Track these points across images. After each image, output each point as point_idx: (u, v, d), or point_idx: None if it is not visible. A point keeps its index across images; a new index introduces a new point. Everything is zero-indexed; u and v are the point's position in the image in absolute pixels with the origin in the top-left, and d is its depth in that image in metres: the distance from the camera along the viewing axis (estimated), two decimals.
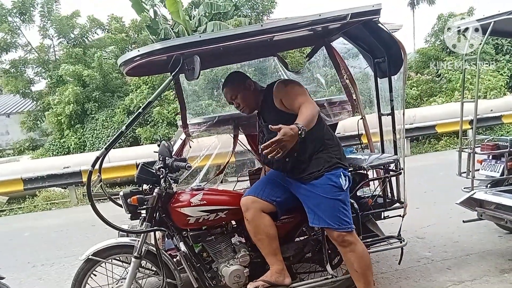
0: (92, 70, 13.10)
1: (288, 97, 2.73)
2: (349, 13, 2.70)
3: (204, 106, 11.39)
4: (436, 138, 12.41)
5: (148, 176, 2.90)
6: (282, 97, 2.77)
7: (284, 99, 2.75)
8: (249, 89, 3.03)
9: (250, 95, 3.03)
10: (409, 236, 4.04)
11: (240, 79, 3.09)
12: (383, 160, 3.27)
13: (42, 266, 5.17)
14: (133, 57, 2.70)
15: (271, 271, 2.84)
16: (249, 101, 3.04)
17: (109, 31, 14.91)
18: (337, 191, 2.72)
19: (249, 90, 3.03)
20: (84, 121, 13.59)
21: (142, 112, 2.70)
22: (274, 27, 2.71)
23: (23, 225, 7.87)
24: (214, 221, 2.92)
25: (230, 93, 3.07)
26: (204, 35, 2.65)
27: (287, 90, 2.77)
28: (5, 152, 16.78)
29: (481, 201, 3.95)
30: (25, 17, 13.98)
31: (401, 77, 3.26)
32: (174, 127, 12.34)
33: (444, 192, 6.22)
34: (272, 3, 16.47)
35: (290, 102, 2.71)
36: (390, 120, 3.43)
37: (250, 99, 3.04)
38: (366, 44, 3.48)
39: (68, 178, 9.43)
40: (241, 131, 4.11)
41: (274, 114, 2.83)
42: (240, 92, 3.03)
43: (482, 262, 3.84)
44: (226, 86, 3.11)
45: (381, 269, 3.83)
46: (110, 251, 2.94)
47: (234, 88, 3.06)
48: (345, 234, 2.71)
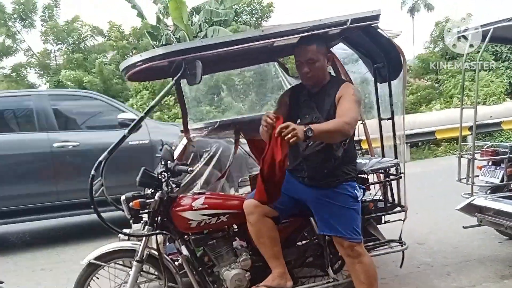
0: (93, 76, 13.15)
1: (342, 102, 2.63)
2: (349, 19, 2.74)
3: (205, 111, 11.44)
4: (435, 144, 12.43)
5: (150, 180, 2.91)
6: (341, 96, 2.66)
7: (340, 100, 2.65)
8: (325, 62, 2.78)
9: (323, 69, 2.78)
10: (409, 242, 4.02)
11: (325, 47, 2.81)
12: (383, 164, 3.30)
13: (42, 270, 5.15)
14: (135, 62, 2.73)
15: (273, 274, 2.84)
16: (322, 74, 2.78)
17: (109, 38, 14.98)
18: (353, 201, 2.73)
19: (324, 63, 2.77)
20: None
21: (144, 117, 2.72)
22: (274, 33, 2.74)
23: (23, 228, 7.84)
24: (216, 225, 2.93)
25: (313, 54, 2.69)
26: (206, 40, 2.69)
27: (348, 98, 2.63)
28: None
29: (481, 207, 3.96)
30: (26, 22, 14.03)
31: (401, 82, 3.29)
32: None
33: (443, 198, 6.22)
34: (270, 7, 16.57)
35: (339, 107, 2.63)
36: (390, 125, 3.45)
37: (322, 73, 2.78)
38: (366, 49, 3.50)
39: None
40: (242, 136, 4.12)
41: (328, 104, 2.71)
42: (321, 59, 2.72)
43: (482, 268, 3.85)
44: (312, 43, 2.70)
45: (381, 275, 3.81)
46: (112, 255, 2.94)
47: (320, 52, 2.72)
48: (355, 245, 2.70)
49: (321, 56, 2.73)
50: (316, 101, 2.78)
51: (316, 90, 2.82)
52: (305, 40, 2.74)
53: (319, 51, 2.72)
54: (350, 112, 2.53)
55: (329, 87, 2.78)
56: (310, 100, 2.81)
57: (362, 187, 2.87)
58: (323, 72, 2.79)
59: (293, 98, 2.92)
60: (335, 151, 2.70)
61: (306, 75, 2.74)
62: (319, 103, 2.77)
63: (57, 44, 14.59)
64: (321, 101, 2.76)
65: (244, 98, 12.83)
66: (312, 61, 2.69)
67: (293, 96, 2.93)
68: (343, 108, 2.59)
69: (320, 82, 2.79)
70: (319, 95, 2.80)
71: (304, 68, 2.71)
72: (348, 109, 2.56)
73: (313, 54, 2.69)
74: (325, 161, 2.70)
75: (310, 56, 2.69)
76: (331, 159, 2.70)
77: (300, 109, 2.82)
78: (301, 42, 2.76)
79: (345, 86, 2.76)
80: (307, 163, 2.76)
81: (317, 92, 2.81)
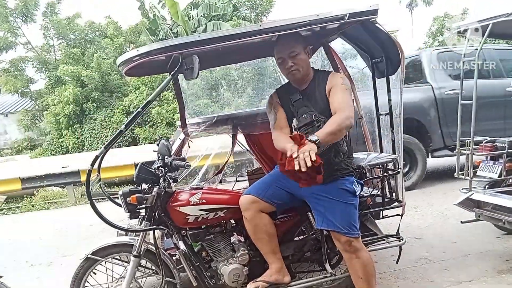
0: (91, 70, 13.12)
1: (334, 94, 2.66)
2: (347, 13, 2.72)
3: (202, 106, 11.42)
4: None
5: (147, 175, 2.90)
6: (331, 87, 2.69)
7: (331, 92, 2.68)
8: (307, 55, 2.81)
9: (306, 62, 2.80)
10: (407, 237, 4.05)
11: (303, 40, 2.83)
12: (381, 159, 3.29)
13: (40, 265, 5.17)
14: (132, 57, 2.71)
15: (271, 270, 2.85)
16: (306, 67, 2.79)
17: (106, 35, 14.94)
18: (350, 196, 2.74)
19: (306, 56, 2.80)
20: (82, 121, 13.60)
21: (141, 111, 2.71)
22: (272, 27, 2.72)
23: (21, 225, 7.87)
24: (213, 220, 2.93)
25: (293, 47, 2.74)
26: (203, 35, 2.66)
27: (339, 88, 2.66)
28: (3, 151, 16.77)
29: (479, 202, 3.96)
30: (27, 18, 14.01)
31: (399, 77, 3.28)
32: (173, 127, 12.37)
33: (442, 193, 6.24)
34: (270, 3, 16.51)
35: (332, 99, 2.66)
36: (388, 120, 3.45)
37: (307, 65, 2.81)
38: (364, 44, 3.49)
39: (66, 177, 9.42)
40: (239, 131, 4.11)
41: (320, 99, 2.73)
42: (302, 52, 2.76)
43: (480, 263, 3.85)
44: (291, 37, 2.75)
45: (379, 270, 3.83)
46: (109, 250, 2.94)
47: (300, 44, 2.77)
48: (353, 240, 2.70)
49: (302, 49, 2.78)
50: (309, 98, 2.80)
51: (304, 87, 2.84)
52: (283, 36, 2.77)
53: (299, 44, 2.78)
54: (345, 104, 2.57)
55: (316, 82, 2.80)
56: (303, 99, 2.81)
57: (360, 182, 2.87)
58: (307, 65, 2.81)
59: (283, 100, 2.91)
60: (341, 146, 2.73)
61: (291, 70, 2.76)
62: (311, 100, 2.78)
63: (58, 39, 14.56)
64: (313, 97, 2.78)
65: (242, 93, 12.81)
66: (295, 53, 2.73)
67: (283, 97, 2.93)
68: (337, 100, 2.62)
69: (305, 77, 2.82)
70: (309, 91, 2.82)
71: (288, 62, 2.74)
72: (342, 101, 2.59)
73: (294, 47, 2.74)
74: (335, 157, 2.72)
75: (291, 50, 2.73)
76: (340, 154, 2.73)
77: (296, 109, 2.81)
78: (279, 38, 2.81)
79: (332, 76, 2.79)
80: None
81: (306, 88, 2.83)
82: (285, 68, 2.79)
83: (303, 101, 2.80)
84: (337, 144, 2.69)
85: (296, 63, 2.74)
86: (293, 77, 2.82)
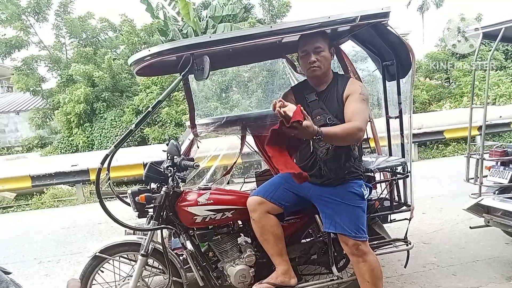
0: (102, 70, 13.22)
1: (351, 102, 2.62)
2: (358, 16, 2.72)
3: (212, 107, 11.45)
4: (444, 144, 12.34)
5: (156, 174, 2.92)
6: (349, 95, 2.65)
7: (348, 99, 2.64)
8: (330, 55, 2.75)
9: (329, 61, 2.74)
10: (415, 241, 4.02)
11: (329, 40, 2.78)
12: (390, 163, 3.28)
13: (49, 262, 5.21)
14: (144, 57, 2.73)
15: (277, 272, 2.85)
16: (327, 66, 2.73)
17: (120, 32, 15.03)
18: (358, 199, 2.73)
19: (329, 56, 2.75)
20: (92, 120, 13.70)
21: (151, 111, 2.73)
22: (283, 29, 2.73)
23: (31, 222, 7.93)
24: (221, 220, 2.94)
25: (320, 43, 2.69)
26: (214, 35, 2.67)
27: (356, 97, 2.62)
28: (14, 149, 16.91)
29: (489, 207, 3.92)
30: (39, 17, 14.15)
31: (409, 80, 3.26)
32: (182, 128, 12.41)
33: (451, 197, 6.19)
34: (286, 6, 16.51)
35: (347, 107, 2.61)
36: (398, 123, 3.43)
37: (328, 64, 2.74)
38: (375, 47, 3.48)
39: (76, 176, 9.48)
40: (248, 132, 4.12)
41: (337, 103, 2.69)
42: (326, 50, 2.72)
43: (489, 269, 3.82)
44: (318, 33, 2.71)
45: (386, 274, 3.81)
46: (117, 249, 2.97)
47: (326, 42, 2.73)
48: (360, 243, 2.69)
49: (327, 47, 2.73)
50: (325, 101, 2.75)
51: (322, 89, 2.79)
52: (314, 32, 2.71)
53: (325, 41, 2.73)
54: (359, 115, 2.51)
55: (335, 85, 2.75)
56: (319, 100, 2.76)
57: (368, 185, 2.86)
58: (328, 64, 2.75)
59: (299, 98, 2.84)
60: (352, 150, 2.72)
61: (313, 65, 2.69)
62: (327, 103, 2.73)
63: (70, 37, 14.69)
64: (330, 100, 2.73)
65: (252, 95, 12.82)
66: (320, 49, 2.68)
67: (298, 96, 2.87)
68: (352, 109, 2.57)
69: (324, 76, 2.76)
70: (326, 93, 2.76)
71: (311, 57, 2.68)
72: (357, 111, 2.54)
73: (320, 42, 2.69)
74: (346, 162, 2.70)
75: (317, 45, 2.68)
76: (351, 159, 2.72)
77: (311, 110, 2.74)
78: (309, 34, 2.73)
79: (351, 83, 2.74)
80: (328, 167, 2.72)
81: (324, 90, 2.78)
82: (307, 62, 2.71)
83: (318, 102, 2.75)
84: (348, 149, 2.68)
85: (319, 59, 2.68)
86: (312, 73, 2.74)
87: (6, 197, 10.16)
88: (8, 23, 13.75)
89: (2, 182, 9.29)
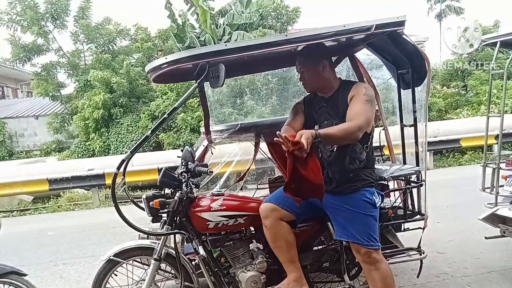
0: (120, 76, 13.40)
1: (353, 103, 2.67)
2: (373, 24, 2.72)
3: (227, 114, 11.51)
4: (460, 152, 12.18)
5: (171, 180, 2.96)
6: (353, 96, 2.70)
7: (351, 101, 2.69)
8: (319, 71, 2.83)
9: (318, 77, 2.85)
10: (429, 251, 3.97)
11: (317, 57, 2.86)
12: (404, 171, 3.26)
13: (64, 265, 5.28)
14: (160, 65, 2.77)
15: (288, 278, 2.85)
16: (315, 82, 2.88)
17: (135, 40, 15.24)
18: (370, 208, 2.72)
19: (318, 71, 2.83)
20: (109, 125, 13.89)
21: (167, 117, 2.76)
22: (298, 37, 2.74)
23: (47, 225, 8.05)
24: (233, 226, 2.96)
25: (300, 65, 2.90)
26: (230, 44, 2.70)
27: (359, 98, 2.66)
28: (33, 153, 17.22)
29: (505, 217, 3.87)
30: (57, 23, 14.42)
31: (425, 89, 3.25)
32: (197, 134, 12.49)
33: (466, 207, 6.10)
34: (296, 12, 16.53)
35: (350, 108, 2.66)
36: (413, 131, 3.41)
37: (316, 81, 2.87)
38: (390, 55, 3.48)
39: (92, 180, 9.62)
40: (262, 139, 4.14)
41: (342, 107, 2.74)
42: (310, 69, 2.85)
43: (504, 280, 3.76)
44: (300, 57, 2.91)
45: (399, 283, 3.78)
46: (131, 253, 3.01)
47: (306, 63, 2.87)
48: (372, 251, 2.68)
49: (310, 66, 2.85)
50: (331, 106, 2.82)
51: (329, 96, 2.87)
52: (300, 53, 2.92)
53: (306, 62, 2.87)
54: (360, 115, 2.55)
55: (341, 90, 2.82)
56: (326, 106, 2.85)
57: (380, 193, 2.85)
58: (317, 79, 2.86)
59: (308, 106, 2.98)
60: (359, 153, 2.70)
61: (303, 84, 2.94)
62: (334, 107, 2.80)
63: (88, 43, 14.95)
64: (336, 105, 2.80)
65: (266, 102, 12.85)
66: (303, 68, 2.88)
67: (308, 104, 3.00)
68: (353, 109, 2.62)
69: (319, 87, 2.90)
70: (332, 100, 2.84)
71: (301, 77, 2.93)
72: (358, 111, 2.58)
73: (301, 65, 2.89)
74: (350, 164, 2.70)
75: (300, 66, 2.90)
76: (356, 161, 2.70)
77: (318, 116, 2.86)
78: (298, 54, 2.95)
79: (356, 86, 2.78)
80: (332, 169, 2.75)
81: (331, 97, 2.86)
82: (301, 81, 2.96)
83: (326, 108, 2.84)
84: (352, 151, 2.68)
85: (304, 77, 2.89)
86: (305, 88, 2.98)
87: (23, 200, 10.35)
88: (27, 29, 14.04)
89: (21, 186, 9.47)
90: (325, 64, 2.85)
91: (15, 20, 14.07)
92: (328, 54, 2.96)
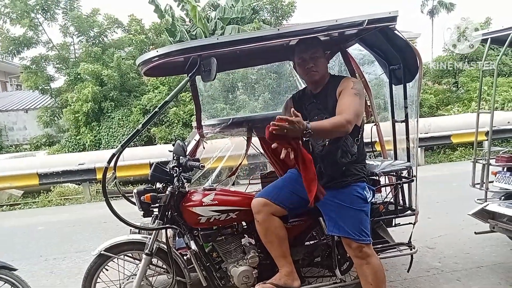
0: (111, 69, 13.29)
1: (342, 97, 2.67)
2: (365, 20, 2.72)
3: (219, 109, 11.47)
4: (451, 148, 12.28)
5: (162, 174, 2.94)
6: (342, 90, 2.70)
7: (340, 95, 2.69)
8: (327, 59, 2.89)
9: (326, 65, 2.88)
10: (419, 246, 4.00)
11: (323, 45, 2.89)
12: (395, 167, 3.27)
13: (54, 259, 5.25)
14: (151, 58, 2.75)
15: (280, 273, 2.85)
16: (324, 70, 2.85)
17: (129, 31, 15.11)
18: (362, 203, 2.73)
19: (326, 59, 2.90)
20: (100, 119, 13.78)
21: (158, 111, 2.75)
22: (290, 32, 2.74)
23: (37, 219, 8.00)
24: (225, 221, 2.95)
25: (316, 49, 2.81)
26: (222, 37, 2.68)
27: (348, 91, 2.67)
28: (22, 147, 17.08)
29: (494, 213, 3.91)
30: (48, 15, 14.25)
31: (416, 85, 3.26)
32: (189, 128, 12.44)
33: (457, 202, 6.16)
34: (292, 7, 16.50)
35: (339, 102, 2.66)
36: (404, 127, 3.43)
37: (325, 69, 2.87)
38: (382, 51, 3.48)
39: (83, 174, 9.54)
40: (254, 133, 4.13)
41: (331, 101, 2.74)
42: (322, 55, 2.84)
43: (493, 275, 3.80)
44: (313, 40, 2.82)
45: (389, 278, 3.81)
46: (122, 247, 2.99)
47: (321, 47, 2.85)
48: (363, 246, 2.70)
49: (322, 52, 2.85)
50: (321, 101, 2.83)
51: (318, 91, 2.87)
52: (310, 40, 2.81)
53: (320, 46, 2.85)
54: (349, 109, 2.54)
55: (330, 85, 2.83)
56: (316, 102, 2.86)
57: (371, 188, 2.86)
58: (325, 68, 2.87)
59: (298, 104, 2.96)
60: (350, 147, 2.71)
61: (311, 71, 2.80)
62: (323, 102, 2.81)
63: (78, 36, 14.78)
64: (325, 100, 2.80)
65: (258, 97, 12.83)
66: (316, 55, 2.79)
67: (298, 101, 3.00)
68: (342, 103, 2.63)
69: (322, 80, 2.86)
70: (322, 94, 2.85)
71: (309, 63, 2.79)
72: (347, 105, 2.58)
73: (316, 48, 2.81)
74: (342, 157, 2.70)
75: (314, 51, 2.79)
76: (348, 155, 2.71)
77: (308, 112, 2.85)
78: (302, 40, 2.83)
79: (344, 80, 2.79)
80: (324, 163, 2.75)
81: (320, 92, 2.86)
82: (305, 68, 2.82)
83: (315, 104, 2.85)
84: (344, 144, 2.68)
85: (316, 64, 2.78)
86: (311, 78, 2.85)
87: (13, 194, 10.26)
88: (17, 21, 13.86)
89: (10, 180, 9.38)
90: (328, 55, 2.90)
91: (4, 12, 13.85)
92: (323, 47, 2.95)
